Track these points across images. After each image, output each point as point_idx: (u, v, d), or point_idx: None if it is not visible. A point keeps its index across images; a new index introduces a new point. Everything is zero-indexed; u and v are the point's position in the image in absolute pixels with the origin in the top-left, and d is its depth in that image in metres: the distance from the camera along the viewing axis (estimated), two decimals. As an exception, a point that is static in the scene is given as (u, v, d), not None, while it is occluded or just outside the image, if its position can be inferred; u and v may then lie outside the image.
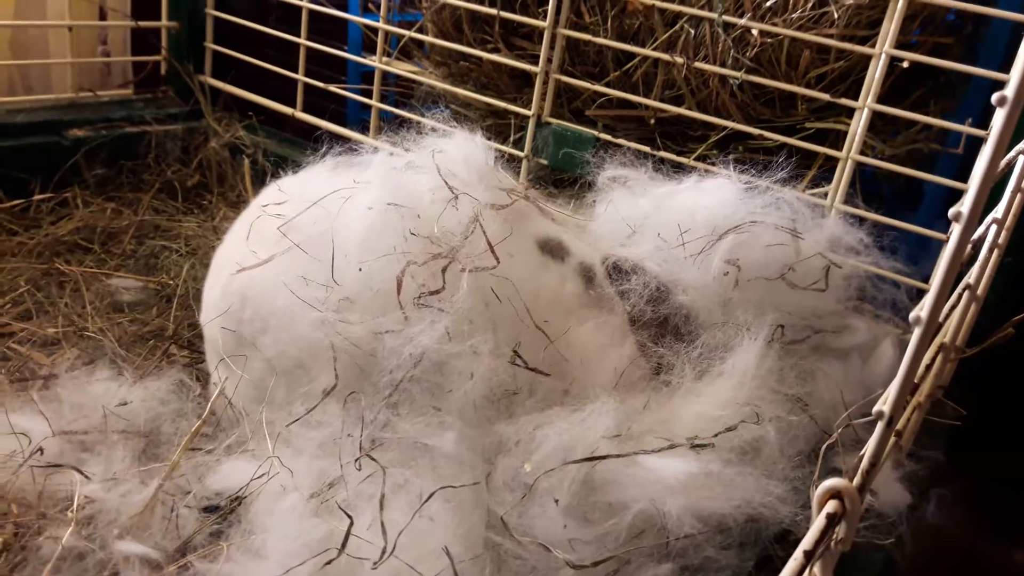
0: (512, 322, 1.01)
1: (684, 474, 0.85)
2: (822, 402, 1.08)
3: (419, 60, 2.12)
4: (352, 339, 0.95)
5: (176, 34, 2.17)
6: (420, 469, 0.84)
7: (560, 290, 1.10)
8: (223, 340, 1.12)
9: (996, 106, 0.58)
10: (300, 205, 1.05)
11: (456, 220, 1.02)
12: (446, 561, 0.75)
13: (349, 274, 0.97)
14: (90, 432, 1.07)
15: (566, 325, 1.07)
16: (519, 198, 1.13)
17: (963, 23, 1.73)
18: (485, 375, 0.92)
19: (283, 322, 1.02)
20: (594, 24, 1.72)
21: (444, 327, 0.91)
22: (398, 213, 1.00)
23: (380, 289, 0.96)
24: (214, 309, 1.15)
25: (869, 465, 0.63)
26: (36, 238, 1.71)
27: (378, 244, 0.98)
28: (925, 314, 0.59)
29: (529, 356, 0.99)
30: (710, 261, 1.14)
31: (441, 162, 1.08)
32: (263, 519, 0.82)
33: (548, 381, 1.01)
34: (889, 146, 1.62)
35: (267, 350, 1.05)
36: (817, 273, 1.22)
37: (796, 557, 0.55)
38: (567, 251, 1.14)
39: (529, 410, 0.98)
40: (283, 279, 1.01)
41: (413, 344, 0.90)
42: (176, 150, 2.07)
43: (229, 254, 1.17)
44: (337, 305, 0.97)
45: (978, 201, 0.56)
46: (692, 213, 1.19)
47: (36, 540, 0.85)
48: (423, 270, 0.96)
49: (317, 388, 0.98)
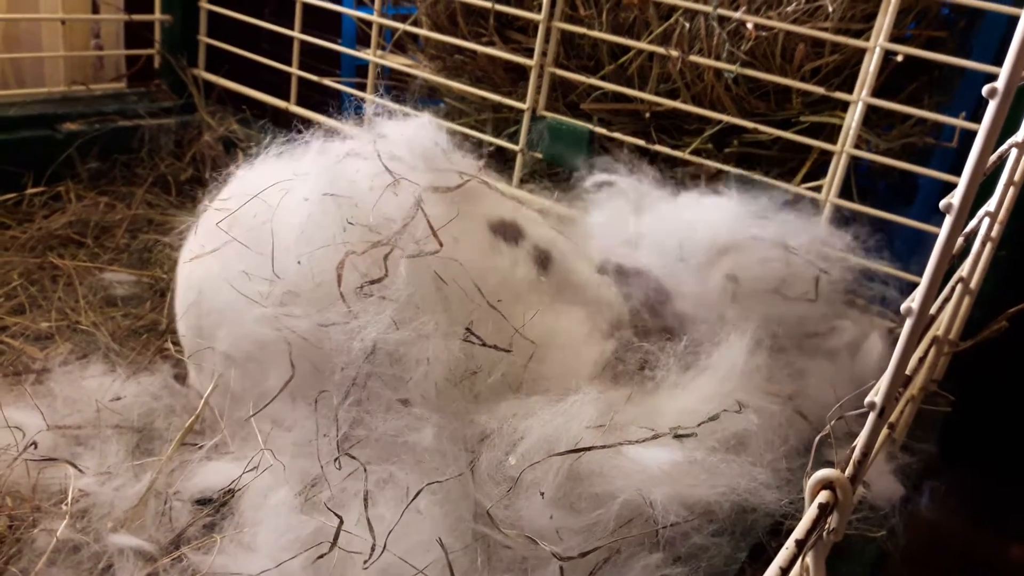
0: (463, 303, 0.99)
1: (668, 463, 0.85)
2: (810, 398, 1.08)
3: (413, 54, 2.11)
4: (299, 332, 0.94)
5: (169, 27, 2.16)
6: (403, 464, 0.83)
7: (509, 274, 1.07)
8: (187, 331, 1.13)
9: (987, 98, 0.58)
10: (242, 199, 1.04)
11: (397, 206, 0.99)
12: (436, 552, 0.75)
13: (290, 267, 0.96)
14: (84, 427, 1.06)
15: (515, 311, 1.04)
16: (470, 179, 1.10)
17: (957, 17, 1.74)
18: (441, 357, 0.91)
19: (234, 317, 1.02)
20: (589, 17, 1.72)
21: (389, 316, 0.89)
22: (335, 203, 0.98)
23: (322, 281, 0.94)
24: (180, 304, 1.16)
25: (861, 455, 0.64)
26: (29, 232, 1.70)
27: (316, 235, 0.96)
28: (916, 304, 0.59)
29: (483, 335, 0.97)
30: (709, 273, 1.16)
31: (383, 147, 1.06)
32: (254, 513, 0.82)
33: (507, 358, 0.99)
34: (883, 140, 1.62)
35: (222, 343, 1.05)
36: (808, 283, 1.24)
37: (788, 546, 0.55)
38: (522, 234, 1.11)
39: (495, 390, 0.97)
40: (227, 275, 1.00)
41: (360, 337, 0.88)
42: (169, 144, 2.06)
43: (189, 248, 1.17)
44: (281, 299, 0.96)
45: (969, 192, 0.57)
46: (693, 228, 1.21)
47: (31, 533, 0.85)
48: (365, 260, 0.94)
49: (271, 383, 0.97)
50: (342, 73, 2.49)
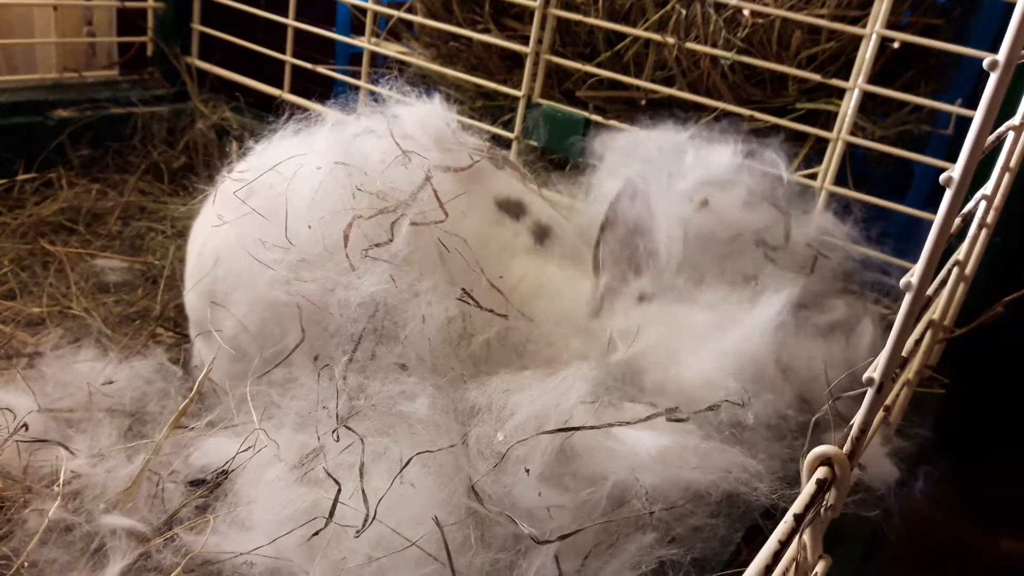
0: (466, 271, 1.05)
1: (656, 447, 0.85)
2: (800, 376, 1.08)
3: (408, 41, 2.10)
4: (308, 297, 0.99)
5: (162, 15, 2.14)
6: (398, 436, 0.84)
7: (510, 242, 1.14)
8: (198, 301, 1.16)
9: (988, 71, 0.58)
10: (259, 171, 1.09)
11: (407, 179, 1.05)
12: (429, 526, 0.75)
13: (302, 234, 1.01)
14: (75, 410, 1.06)
15: (513, 268, 1.11)
16: (482, 158, 1.16)
17: (953, 5, 1.74)
18: (436, 315, 0.96)
19: (249, 280, 1.06)
20: (585, 4, 1.71)
21: (391, 276, 0.95)
22: (346, 172, 1.03)
23: (331, 246, 0.99)
24: (193, 274, 1.19)
25: (859, 432, 0.63)
26: (20, 218, 1.69)
27: (326, 202, 1.01)
28: (916, 279, 0.59)
29: (482, 300, 1.03)
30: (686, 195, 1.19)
31: (396, 126, 1.11)
32: (249, 491, 0.82)
33: (501, 320, 1.04)
34: (880, 127, 1.62)
35: (238, 307, 1.09)
36: (802, 257, 1.24)
37: (786, 520, 0.55)
38: (525, 211, 1.18)
39: (493, 352, 1.01)
40: (243, 242, 1.05)
41: (362, 294, 0.93)
42: (162, 131, 2.05)
43: (203, 220, 1.22)
44: (294, 264, 1.01)
45: (969, 165, 0.56)
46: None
47: (22, 513, 0.85)
48: (373, 225, 0.99)
49: (280, 347, 1.01)
50: (336, 61, 2.48)
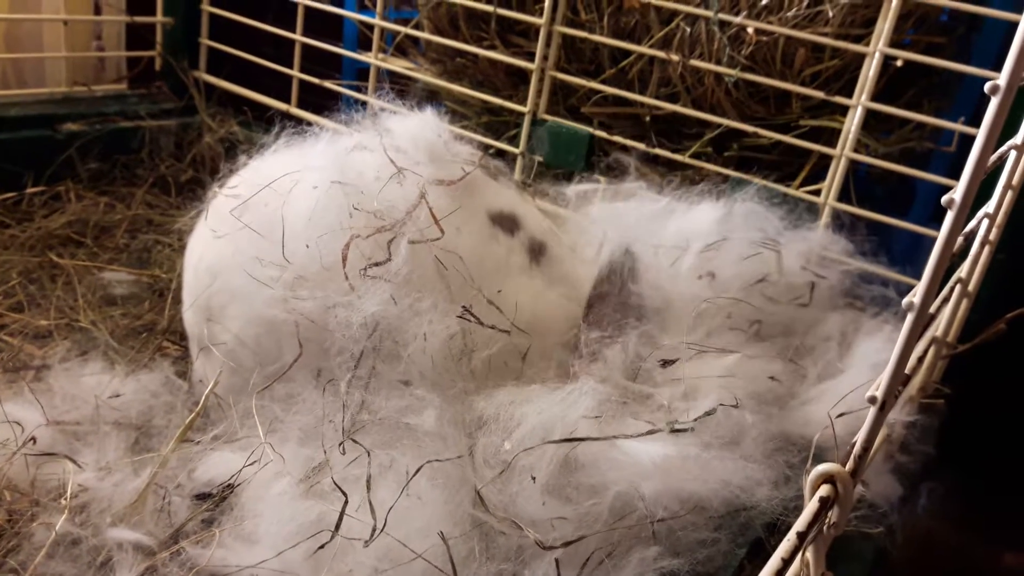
0: (464, 288, 1.05)
1: (658, 457, 0.86)
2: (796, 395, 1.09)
3: (415, 57, 2.12)
4: (306, 314, 0.99)
5: (171, 30, 2.16)
6: (404, 448, 0.85)
7: (504, 260, 1.14)
8: (196, 317, 1.16)
9: (989, 95, 0.59)
10: (251, 186, 1.09)
11: (402, 196, 1.05)
12: (435, 538, 0.75)
13: (299, 252, 1.02)
14: (82, 423, 1.06)
15: (508, 292, 1.11)
16: (474, 170, 1.16)
17: (956, 23, 1.75)
18: (438, 333, 0.96)
19: (246, 297, 1.06)
20: (590, 21, 1.72)
21: (391, 295, 0.95)
22: (343, 191, 1.03)
23: (329, 265, 1.00)
24: (189, 290, 1.20)
25: (862, 450, 0.64)
26: (28, 231, 1.70)
27: (324, 221, 1.02)
28: (918, 299, 0.60)
29: (479, 316, 1.04)
30: (683, 265, 1.18)
31: (388, 141, 1.11)
32: (255, 505, 0.82)
33: (500, 336, 1.04)
34: (882, 144, 1.63)
35: (234, 322, 1.09)
36: (799, 287, 1.25)
37: (789, 538, 0.55)
38: (519, 226, 1.18)
39: (493, 368, 1.02)
40: (239, 259, 1.05)
41: (363, 314, 0.94)
42: (170, 145, 2.07)
43: (198, 235, 1.23)
44: (292, 282, 1.01)
45: (971, 186, 0.57)
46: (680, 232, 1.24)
47: (30, 526, 0.85)
48: (371, 244, 1.00)
49: (278, 364, 1.01)
50: (343, 76, 2.49)
